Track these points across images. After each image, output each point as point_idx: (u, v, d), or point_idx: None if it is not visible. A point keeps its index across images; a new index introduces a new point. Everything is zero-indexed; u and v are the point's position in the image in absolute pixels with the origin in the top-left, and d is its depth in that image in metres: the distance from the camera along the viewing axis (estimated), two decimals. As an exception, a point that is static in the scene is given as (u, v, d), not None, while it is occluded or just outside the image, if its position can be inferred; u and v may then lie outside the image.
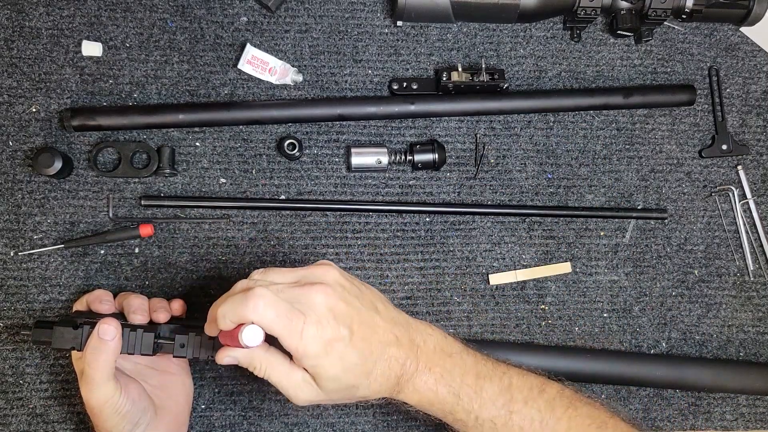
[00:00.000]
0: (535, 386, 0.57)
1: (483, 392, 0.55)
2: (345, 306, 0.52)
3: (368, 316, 0.54)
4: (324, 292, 0.52)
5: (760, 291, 0.78)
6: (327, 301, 0.52)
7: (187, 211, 0.72)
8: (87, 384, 0.56)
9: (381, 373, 0.53)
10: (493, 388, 0.55)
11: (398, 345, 0.54)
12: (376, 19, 0.76)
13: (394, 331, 0.54)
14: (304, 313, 0.50)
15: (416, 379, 0.54)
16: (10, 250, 0.69)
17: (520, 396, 0.56)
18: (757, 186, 0.79)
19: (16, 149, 0.70)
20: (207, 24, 0.74)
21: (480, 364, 0.57)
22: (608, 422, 0.57)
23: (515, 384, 0.56)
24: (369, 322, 0.53)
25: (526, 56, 0.77)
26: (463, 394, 0.55)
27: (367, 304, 0.54)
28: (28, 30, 0.72)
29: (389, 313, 0.56)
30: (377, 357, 0.53)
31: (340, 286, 0.54)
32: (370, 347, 0.53)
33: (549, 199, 0.76)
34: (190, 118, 0.71)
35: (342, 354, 0.51)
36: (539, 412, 0.55)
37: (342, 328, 0.51)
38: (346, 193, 0.74)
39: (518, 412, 0.55)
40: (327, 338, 0.51)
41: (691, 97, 0.78)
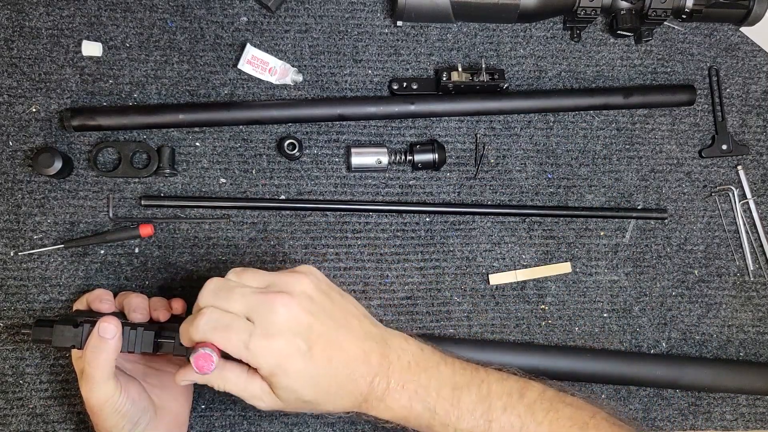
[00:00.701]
0: (515, 391, 0.56)
1: (460, 404, 0.54)
2: (307, 318, 0.51)
3: (335, 331, 0.53)
4: (285, 303, 0.51)
5: (760, 291, 0.78)
6: (287, 312, 0.51)
7: (187, 211, 0.72)
8: (87, 382, 0.56)
9: (344, 390, 0.53)
10: (470, 398, 0.55)
11: (366, 363, 0.53)
12: (376, 19, 0.76)
13: (363, 348, 0.53)
14: (254, 323, 0.50)
15: (388, 397, 0.54)
16: (10, 250, 0.69)
17: (499, 403, 0.55)
18: (757, 186, 0.79)
19: (16, 149, 0.70)
20: (207, 24, 0.74)
21: (457, 374, 0.56)
22: (589, 422, 0.56)
23: (494, 391, 0.55)
24: (335, 338, 0.52)
25: (526, 56, 0.77)
26: (440, 409, 0.54)
27: (338, 318, 0.53)
28: (28, 30, 0.72)
29: (363, 328, 0.55)
30: (341, 376, 0.52)
31: (308, 297, 0.53)
32: (332, 364, 0.52)
33: (549, 199, 0.76)
34: (190, 118, 0.71)
35: (298, 368, 0.51)
36: (519, 418, 0.54)
37: (299, 341, 0.51)
38: (346, 193, 0.74)
39: (497, 420, 0.54)
40: (279, 350, 0.50)
41: (691, 97, 0.78)
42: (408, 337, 0.57)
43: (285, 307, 0.51)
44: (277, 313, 0.51)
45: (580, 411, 0.56)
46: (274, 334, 0.50)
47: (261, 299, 0.51)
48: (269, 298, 0.51)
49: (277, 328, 0.50)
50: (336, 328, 0.53)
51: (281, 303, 0.51)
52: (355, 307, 0.56)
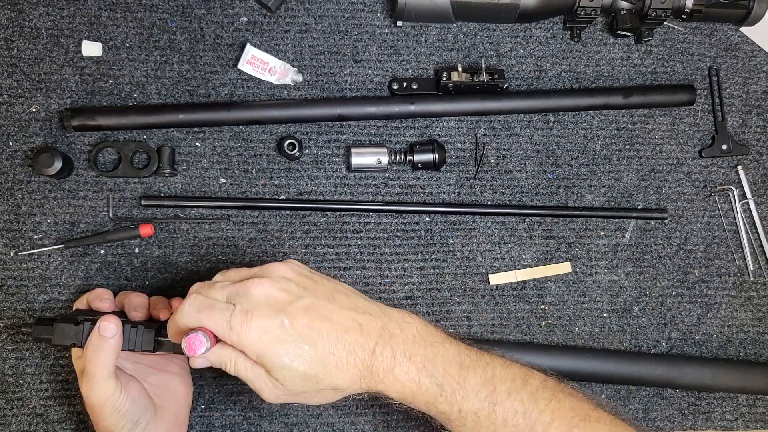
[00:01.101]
0: (519, 377, 0.56)
1: (466, 383, 0.54)
2: (283, 295, 0.53)
3: (319, 304, 0.53)
4: (260, 284, 0.53)
5: (760, 291, 0.78)
6: (262, 291, 0.53)
7: (187, 211, 0.72)
8: (87, 381, 0.56)
9: (342, 361, 0.52)
10: (476, 379, 0.54)
11: (362, 333, 0.53)
12: (376, 19, 0.76)
13: (356, 318, 0.53)
14: (235, 305, 0.52)
15: (396, 369, 0.53)
16: (10, 250, 0.69)
17: (503, 387, 0.54)
18: (757, 186, 0.79)
19: (16, 149, 0.70)
20: (207, 24, 0.74)
21: (463, 354, 0.56)
22: (591, 414, 0.56)
23: (498, 375, 0.55)
24: (319, 310, 0.53)
25: (526, 56, 0.77)
26: (446, 385, 0.54)
27: (321, 294, 0.54)
28: (28, 30, 0.72)
29: (353, 302, 0.55)
30: (335, 346, 0.52)
31: (284, 278, 0.54)
32: (318, 333, 0.52)
33: (549, 199, 0.76)
34: (190, 118, 0.71)
35: (283, 341, 0.51)
36: (522, 404, 0.54)
37: (279, 316, 0.52)
38: (346, 193, 0.74)
39: (501, 404, 0.54)
40: (259, 326, 0.51)
41: (691, 97, 0.78)
42: (410, 313, 0.57)
43: (260, 286, 0.53)
44: (252, 292, 0.53)
45: (582, 403, 0.57)
46: (251, 310, 0.51)
47: (239, 286, 0.54)
48: (245, 284, 0.53)
49: (253, 304, 0.52)
50: (320, 302, 0.54)
51: (257, 284, 0.53)
52: (344, 287, 0.57)
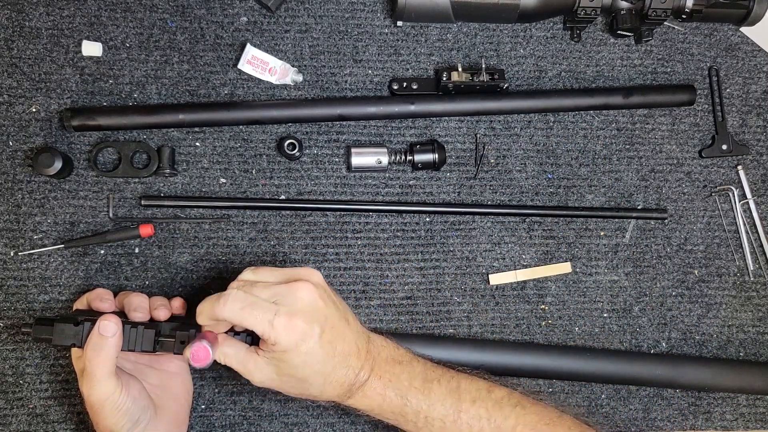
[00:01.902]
0: (483, 388, 0.60)
1: (431, 393, 0.59)
2: (323, 306, 0.56)
3: (340, 323, 0.57)
4: (307, 288, 0.56)
5: (760, 291, 0.78)
6: (309, 296, 0.56)
7: (187, 211, 0.72)
8: (88, 381, 0.56)
9: (337, 379, 0.57)
10: (441, 389, 0.59)
11: (358, 356, 0.58)
12: (376, 19, 0.76)
13: (357, 343, 0.58)
14: (279, 304, 0.54)
15: (366, 387, 0.58)
16: (10, 250, 0.69)
17: (468, 396, 0.59)
18: (757, 186, 0.79)
19: (16, 149, 0.70)
20: (207, 24, 0.74)
21: (429, 370, 0.61)
22: (556, 420, 0.60)
23: (463, 386, 0.60)
24: (339, 329, 0.57)
25: (526, 56, 0.77)
26: (411, 396, 0.58)
27: (341, 312, 0.58)
28: (28, 30, 0.72)
29: (356, 326, 0.59)
30: (338, 363, 0.56)
31: (323, 288, 0.58)
32: (334, 352, 0.56)
33: (549, 199, 0.76)
34: (190, 118, 0.71)
35: (310, 349, 0.55)
36: (487, 410, 0.59)
37: (315, 325, 0.55)
38: (346, 193, 0.74)
39: (466, 411, 0.59)
40: (299, 329, 0.54)
41: (691, 97, 0.78)
42: (386, 337, 0.62)
43: (307, 292, 0.56)
44: (300, 296, 0.55)
45: (547, 410, 0.61)
46: (296, 314, 0.54)
47: (285, 288, 0.56)
48: (291, 286, 0.56)
49: (299, 309, 0.55)
50: (341, 321, 0.57)
51: (304, 288, 0.56)
52: (349, 308, 0.61)
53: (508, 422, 0.59)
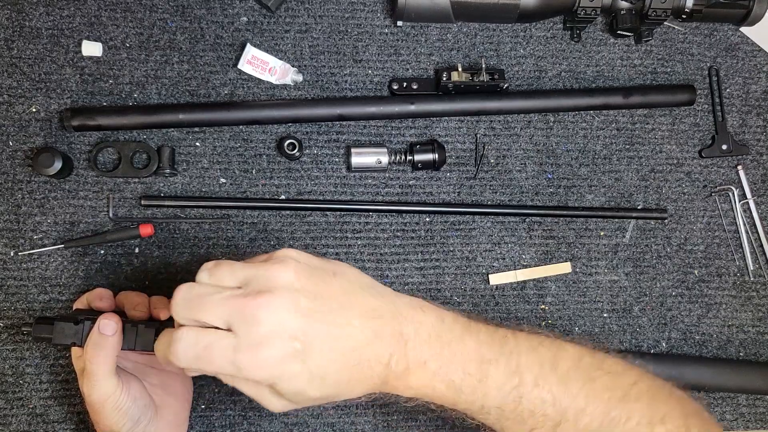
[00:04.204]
0: (547, 361, 0.50)
1: (488, 380, 0.49)
2: (295, 318, 0.45)
3: (334, 318, 0.47)
4: (267, 306, 0.45)
5: (760, 291, 0.78)
6: (271, 317, 0.45)
7: (187, 211, 0.72)
8: (88, 380, 0.56)
9: (359, 378, 0.48)
10: (498, 373, 0.49)
11: (378, 344, 0.47)
12: (376, 19, 0.76)
13: (372, 328, 0.47)
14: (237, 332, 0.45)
15: (409, 377, 0.49)
16: (10, 250, 0.69)
17: (529, 377, 0.49)
18: (757, 186, 0.79)
19: (16, 149, 0.70)
20: (207, 24, 0.74)
21: (483, 346, 0.50)
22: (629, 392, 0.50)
23: (524, 363, 0.50)
24: (335, 326, 0.46)
25: (526, 56, 0.77)
26: (465, 386, 0.49)
27: (334, 302, 0.47)
28: (28, 30, 0.72)
29: (367, 303, 0.48)
30: (350, 366, 0.47)
31: (293, 290, 0.46)
32: (336, 357, 0.46)
33: (549, 199, 0.76)
34: (190, 118, 0.71)
35: (297, 372, 0.46)
36: (551, 392, 0.49)
37: (292, 343, 0.45)
38: (346, 193, 0.74)
39: (527, 395, 0.49)
40: (270, 360, 0.45)
41: (691, 97, 0.78)
42: (424, 305, 0.51)
43: (267, 311, 0.45)
44: (259, 320, 0.45)
45: (620, 378, 0.51)
46: (260, 344, 0.44)
47: (240, 305, 0.45)
48: (248, 304, 0.45)
49: (262, 337, 0.45)
50: (335, 315, 0.47)
51: (263, 307, 0.45)
52: (354, 281, 0.50)
53: (577, 402, 0.49)
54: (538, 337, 0.52)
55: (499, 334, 0.51)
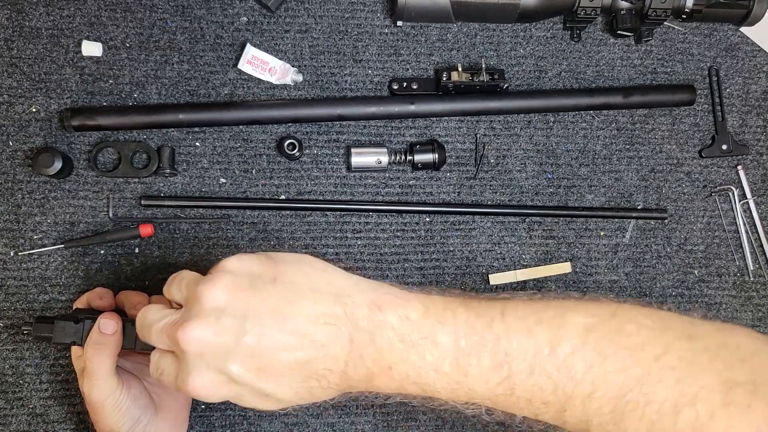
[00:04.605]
0: (544, 344, 0.43)
1: (468, 376, 0.44)
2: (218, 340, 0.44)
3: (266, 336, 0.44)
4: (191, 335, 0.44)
5: (760, 291, 0.78)
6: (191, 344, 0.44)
7: (187, 211, 0.72)
8: (88, 379, 0.56)
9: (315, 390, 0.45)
10: (481, 366, 0.43)
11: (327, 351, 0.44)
12: (376, 19, 0.76)
13: (317, 336, 0.44)
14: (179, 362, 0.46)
15: (375, 381, 0.45)
16: (10, 250, 0.69)
17: (522, 365, 0.43)
18: (757, 186, 0.79)
19: (16, 149, 0.70)
20: (207, 24, 0.74)
21: (462, 338, 0.44)
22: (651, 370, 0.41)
23: (515, 350, 0.43)
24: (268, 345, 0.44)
25: (526, 56, 0.77)
26: (442, 386, 0.44)
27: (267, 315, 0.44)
28: (28, 30, 0.72)
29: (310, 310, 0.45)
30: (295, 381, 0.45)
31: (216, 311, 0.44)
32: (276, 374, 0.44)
33: (549, 199, 0.76)
34: (190, 118, 0.71)
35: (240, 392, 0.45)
36: (550, 379, 0.43)
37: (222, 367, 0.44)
38: (346, 193, 0.74)
39: (522, 384, 0.43)
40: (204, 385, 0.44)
41: (691, 97, 0.78)
42: (387, 303, 0.45)
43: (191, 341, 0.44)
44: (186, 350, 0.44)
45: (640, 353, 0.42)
46: (191, 373, 0.44)
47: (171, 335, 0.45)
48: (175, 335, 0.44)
49: (191, 365, 0.44)
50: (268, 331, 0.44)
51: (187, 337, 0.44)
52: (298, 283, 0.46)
53: (582, 388, 0.42)
54: (535, 314, 0.45)
55: (484, 319, 0.45)
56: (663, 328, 0.43)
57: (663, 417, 0.40)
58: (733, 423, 0.39)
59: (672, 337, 0.43)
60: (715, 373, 0.41)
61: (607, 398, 0.42)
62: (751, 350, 0.42)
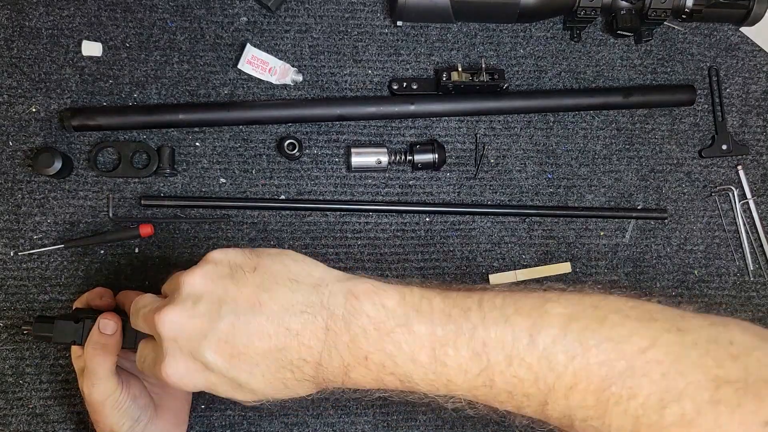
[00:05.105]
0: (524, 333, 0.42)
1: (446, 366, 0.43)
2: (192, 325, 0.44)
3: (239, 324, 0.44)
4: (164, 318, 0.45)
5: (760, 291, 0.78)
6: (167, 328, 0.45)
7: (187, 211, 0.72)
8: (88, 379, 0.56)
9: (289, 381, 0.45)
10: (459, 355, 0.42)
11: (300, 340, 0.44)
12: (376, 19, 0.76)
13: (291, 326, 0.44)
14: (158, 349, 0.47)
15: (351, 373, 0.44)
16: (10, 250, 0.69)
17: (500, 355, 0.42)
18: (757, 186, 0.79)
19: (16, 149, 0.70)
20: (207, 24, 0.74)
21: (438, 327, 0.43)
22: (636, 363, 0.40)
23: (493, 340, 0.42)
24: (241, 333, 0.44)
25: (526, 56, 0.77)
26: (419, 378, 0.43)
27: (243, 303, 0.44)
28: (28, 30, 0.72)
29: (286, 298, 0.45)
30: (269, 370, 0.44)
31: (193, 297, 0.45)
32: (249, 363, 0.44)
33: (549, 199, 0.76)
34: (190, 118, 0.71)
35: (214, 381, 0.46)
36: (530, 370, 0.41)
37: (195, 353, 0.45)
38: (346, 193, 0.74)
39: (501, 375, 0.42)
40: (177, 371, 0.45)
41: (691, 97, 0.78)
42: (363, 291, 0.45)
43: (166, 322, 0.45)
44: (161, 334, 0.45)
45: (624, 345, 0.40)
46: (163, 358, 0.45)
47: (149, 320, 0.47)
48: (153, 318, 0.46)
49: (165, 349, 0.45)
50: (243, 319, 0.44)
51: (162, 320, 0.45)
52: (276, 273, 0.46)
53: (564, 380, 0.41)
54: (514, 303, 0.43)
55: (460, 308, 0.44)
56: (650, 319, 0.42)
57: (648, 412, 0.39)
58: (722, 422, 0.37)
59: (659, 329, 0.41)
60: (704, 370, 0.39)
61: (589, 391, 0.40)
62: (745, 346, 0.40)
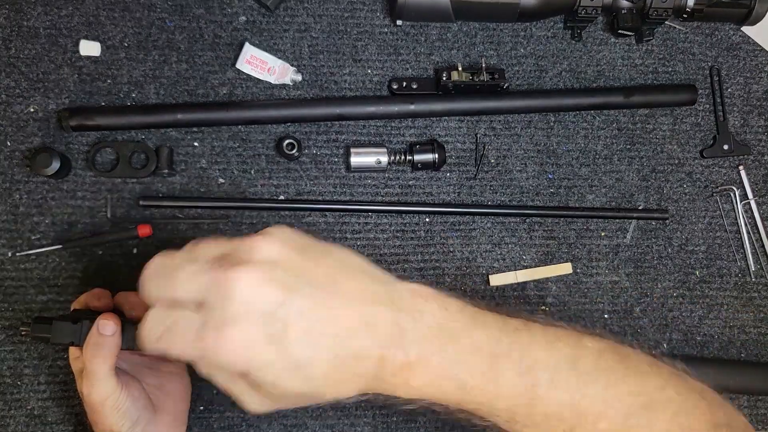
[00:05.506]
0: (566, 359, 0.44)
1: (498, 380, 0.43)
2: (271, 291, 0.40)
3: (316, 300, 0.41)
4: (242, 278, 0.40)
5: (762, 291, 0.77)
6: (243, 291, 0.40)
7: (185, 212, 0.72)
8: (87, 380, 0.56)
9: (348, 373, 0.42)
10: (511, 371, 0.43)
11: (370, 334, 0.42)
12: (375, 18, 0.76)
13: (363, 314, 0.42)
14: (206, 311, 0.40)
15: (409, 374, 0.43)
16: (8, 250, 0.69)
17: (545, 376, 0.44)
18: (758, 186, 0.79)
19: (14, 149, 0.70)
20: (206, 23, 0.73)
21: (494, 340, 0.44)
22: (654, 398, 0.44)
23: (540, 360, 0.44)
24: (316, 309, 0.41)
25: (527, 56, 0.77)
26: (474, 385, 0.43)
27: (323, 282, 0.42)
28: (26, 30, 0.71)
29: (360, 287, 0.43)
30: (338, 357, 0.41)
31: (271, 264, 0.41)
32: (317, 344, 0.40)
33: (549, 200, 0.76)
34: (188, 118, 0.71)
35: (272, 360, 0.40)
36: (568, 392, 0.44)
37: (268, 324, 0.40)
38: (346, 193, 0.74)
39: (542, 397, 0.43)
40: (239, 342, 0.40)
41: (693, 96, 0.77)
42: (427, 293, 0.45)
43: (240, 284, 0.39)
44: (231, 295, 0.39)
45: (645, 381, 0.45)
46: (227, 323, 0.39)
47: (211, 278, 0.40)
48: (220, 277, 0.40)
49: (231, 314, 0.39)
50: (319, 295, 0.41)
51: (236, 280, 0.40)
52: (347, 263, 0.44)
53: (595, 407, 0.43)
54: (554, 331, 0.46)
55: (511, 326, 0.45)
56: (657, 364, 0.47)
57: None
58: None
59: (667, 372, 0.47)
60: (702, 412, 0.45)
61: (615, 419, 0.43)
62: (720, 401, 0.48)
